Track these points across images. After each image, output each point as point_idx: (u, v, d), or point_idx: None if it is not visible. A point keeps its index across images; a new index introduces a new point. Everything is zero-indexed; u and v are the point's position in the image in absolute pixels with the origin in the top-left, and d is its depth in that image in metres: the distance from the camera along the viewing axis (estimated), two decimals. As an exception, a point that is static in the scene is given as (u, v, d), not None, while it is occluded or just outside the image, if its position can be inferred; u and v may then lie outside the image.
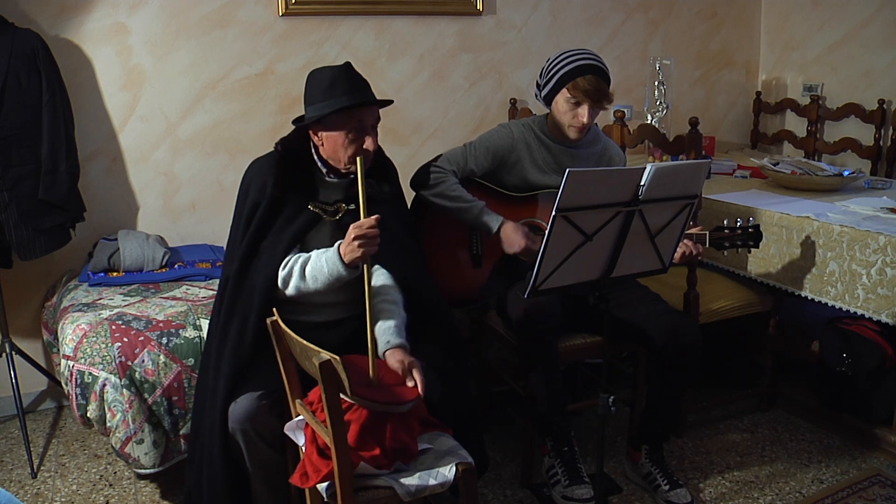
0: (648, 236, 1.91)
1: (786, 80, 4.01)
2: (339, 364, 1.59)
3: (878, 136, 3.48)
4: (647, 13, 3.79)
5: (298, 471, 1.79)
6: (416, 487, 1.72)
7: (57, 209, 2.64)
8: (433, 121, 3.46)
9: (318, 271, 1.94)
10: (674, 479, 2.39)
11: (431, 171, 2.43)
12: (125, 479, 2.58)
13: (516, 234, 2.34)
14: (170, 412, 2.29)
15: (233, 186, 3.08)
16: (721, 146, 4.01)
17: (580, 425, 2.86)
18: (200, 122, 3.08)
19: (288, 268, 1.98)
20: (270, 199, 2.04)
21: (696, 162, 2.15)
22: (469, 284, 2.52)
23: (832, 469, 2.58)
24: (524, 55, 3.55)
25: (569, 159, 2.48)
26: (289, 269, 1.98)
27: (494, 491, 2.49)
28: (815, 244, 2.54)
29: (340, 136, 1.98)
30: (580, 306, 2.28)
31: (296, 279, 1.97)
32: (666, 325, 2.30)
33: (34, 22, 2.75)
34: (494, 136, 2.49)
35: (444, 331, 2.16)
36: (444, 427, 1.90)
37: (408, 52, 3.35)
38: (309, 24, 3.17)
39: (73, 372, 2.24)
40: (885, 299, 2.36)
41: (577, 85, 2.31)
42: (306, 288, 1.97)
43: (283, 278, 1.98)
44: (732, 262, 2.82)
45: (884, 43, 3.52)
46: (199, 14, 3.00)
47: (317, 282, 1.95)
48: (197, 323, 2.37)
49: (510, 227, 2.36)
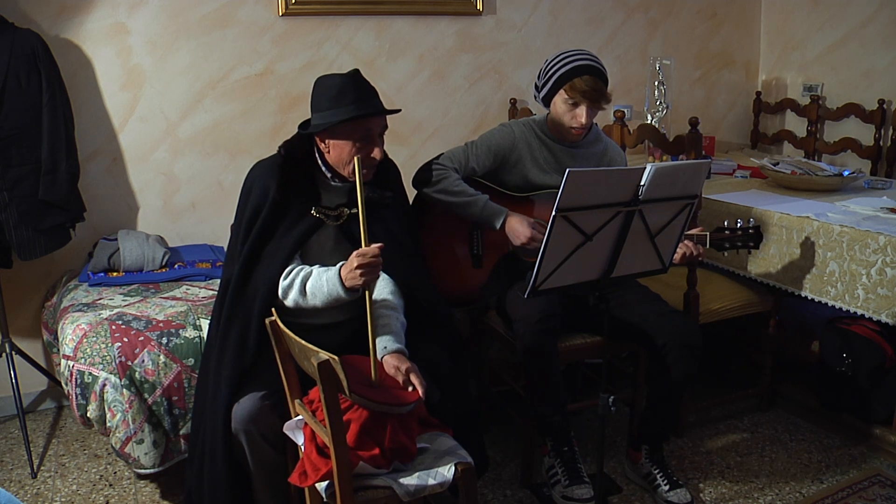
0: (648, 236, 1.91)
1: (786, 80, 4.01)
2: (337, 364, 1.59)
3: (878, 136, 3.48)
4: (647, 13, 3.79)
5: (297, 470, 1.79)
6: (415, 487, 1.72)
7: (57, 209, 2.64)
8: (433, 121, 3.46)
9: (317, 289, 1.95)
10: (674, 479, 2.39)
11: (433, 168, 2.43)
12: (125, 479, 2.58)
13: (522, 225, 2.34)
14: (170, 412, 2.29)
15: (233, 186, 3.10)
16: (721, 146, 4.01)
17: (580, 425, 2.86)
18: (200, 122, 3.08)
19: (289, 280, 1.98)
20: (273, 203, 2.03)
21: (696, 162, 2.15)
22: (469, 284, 2.52)
23: (832, 469, 2.58)
24: (524, 55, 3.55)
25: (569, 159, 2.48)
26: (290, 281, 1.98)
27: (494, 491, 2.49)
28: (815, 244, 2.54)
29: (347, 145, 1.97)
30: (580, 306, 2.28)
31: (295, 293, 1.97)
32: (666, 325, 2.30)
33: (34, 22, 2.75)
34: (496, 135, 2.50)
35: (444, 331, 2.17)
36: (443, 427, 1.91)
37: (408, 52, 3.35)
38: (309, 24, 3.17)
39: (73, 372, 2.24)
40: (885, 299, 2.36)
41: (575, 86, 2.31)
42: (305, 304, 1.98)
43: (284, 289, 1.99)
44: (732, 263, 2.82)
45: (884, 43, 3.52)
46: (199, 14, 3.00)
47: (315, 299, 1.96)
48: (197, 323, 2.37)
49: (515, 219, 2.36)
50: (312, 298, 1.96)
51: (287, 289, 1.98)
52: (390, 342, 1.92)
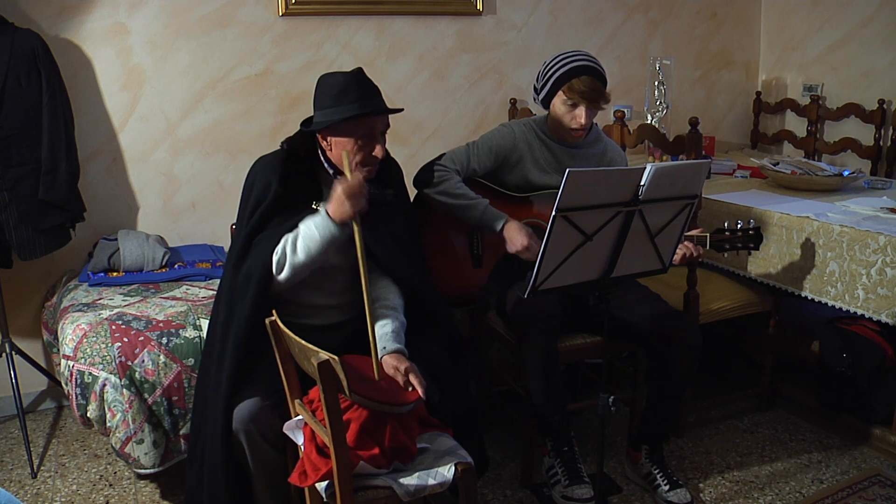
0: (648, 236, 1.91)
1: (786, 80, 4.01)
2: (337, 364, 1.59)
3: (878, 136, 3.48)
4: (647, 13, 3.79)
5: (297, 469, 1.79)
6: (415, 487, 1.72)
7: (57, 209, 2.64)
8: (433, 121, 3.46)
9: (309, 239, 1.92)
10: (674, 479, 2.39)
11: (435, 169, 2.43)
12: (125, 479, 2.58)
13: (520, 233, 2.34)
14: (170, 412, 2.29)
15: (233, 186, 3.11)
16: (721, 146, 4.01)
17: (580, 425, 2.86)
18: (200, 122, 3.08)
19: (280, 250, 1.96)
20: (274, 198, 2.03)
21: (696, 162, 2.15)
22: (469, 284, 2.52)
23: (832, 469, 2.58)
24: (524, 55, 3.55)
25: (570, 159, 2.48)
26: (280, 249, 1.95)
27: (494, 491, 2.49)
28: (815, 244, 2.54)
29: (349, 143, 1.97)
30: (580, 306, 2.28)
31: (289, 256, 1.94)
32: (666, 325, 2.30)
33: (34, 22, 2.75)
34: (497, 135, 2.50)
35: (444, 331, 2.17)
36: (443, 427, 1.91)
37: (408, 52, 3.35)
38: (309, 24, 3.17)
39: (73, 372, 2.24)
40: (885, 299, 2.36)
41: (573, 87, 2.31)
42: (300, 261, 1.94)
43: (278, 262, 1.95)
44: (732, 263, 2.82)
45: (884, 43, 3.52)
46: (199, 14, 3.00)
47: (310, 251, 1.92)
48: (197, 323, 2.37)
49: (514, 227, 2.36)
50: (306, 252, 1.92)
51: (281, 259, 1.95)
52: (389, 342, 1.92)
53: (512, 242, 2.35)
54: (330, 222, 1.90)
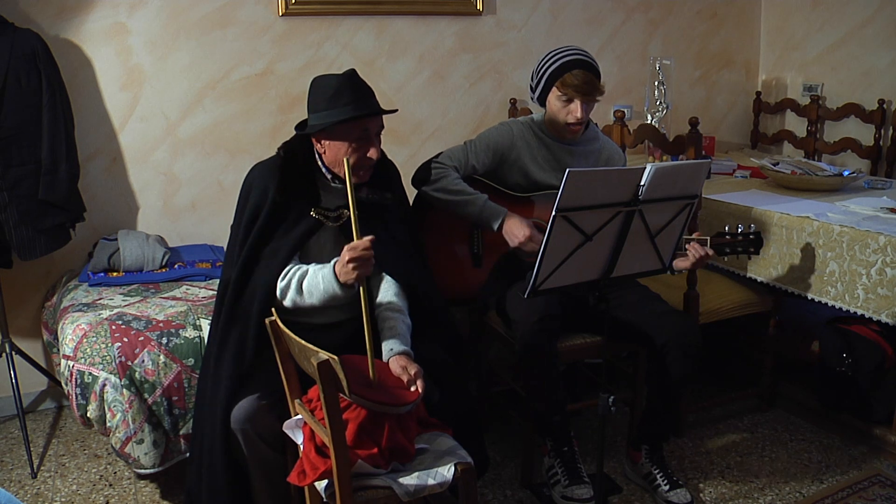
0: (648, 236, 1.91)
1: (786, 80, 4.01)
2: (337, 364, 1.59)
3: (878, 136, 3.48)
4: (647, 13, 3.79)
5: (296, 469, 1.79)
6: (415, 487, 1.72)
7: (57, 209, 2.64)
8: (433, 121, 3.46)
9: (314, 287, 1.94)
10: (674, 479, 2.39)
11: (433, 167, 2.43)
12: (125, 479, 2.58)
13: (520, 225, 2.33)
14: (170, 412, 2.29)
15: (233, 186, 3.10)
16: (721, 146, 4.01)
17: (580, 425, 2.86)
18: (200, 122, 3.08)
19: (286, 280, 1.98)
20: (272, 205, 2.03)
21: (696, 162, 2.15)
22: (469, 284, 2.52)
23: (832, 469, 2.58)
24: (524, 55, 3.55)
25: (568, 157, 2.48)
26: (287, 280, 1.98)
27: (494, 491, 2.49)
28: (815, 244, 2.54)
29: (344, 146, 1.97)
30: (580, 306, 2.28)
31: (293, 293, 1.97)
32: (666, 325, 2.29)
33: (34, 22, 2.75)
34: (495, 133, 2.50)
35: (444, 331, 2.17)
36: (443, 427, 1.90)
37: (408, 52, 3.35)
38: (309, 24, 3.17)
39: (73, 372, 2.24)
40: (885, 299, 2.36)
41: (566, 81, 2.32)
42: (302, 302, 1.97)
43: (282, 290, 1.99)
44: (732, 263, 2.82)
45: (884, 43, 3.52)
46: (199, 14, 3.00)
47: (312, 297, 1.95)
48: (197, 323, 2.37)
49: (514, 220, 2.35)
50: (309, 297, 1.96)
51: (285, 289, 1.98)
52: (396, 344, 1.93)
53: (514, 235, 2.34)
54: (335, 282, 1.90)
